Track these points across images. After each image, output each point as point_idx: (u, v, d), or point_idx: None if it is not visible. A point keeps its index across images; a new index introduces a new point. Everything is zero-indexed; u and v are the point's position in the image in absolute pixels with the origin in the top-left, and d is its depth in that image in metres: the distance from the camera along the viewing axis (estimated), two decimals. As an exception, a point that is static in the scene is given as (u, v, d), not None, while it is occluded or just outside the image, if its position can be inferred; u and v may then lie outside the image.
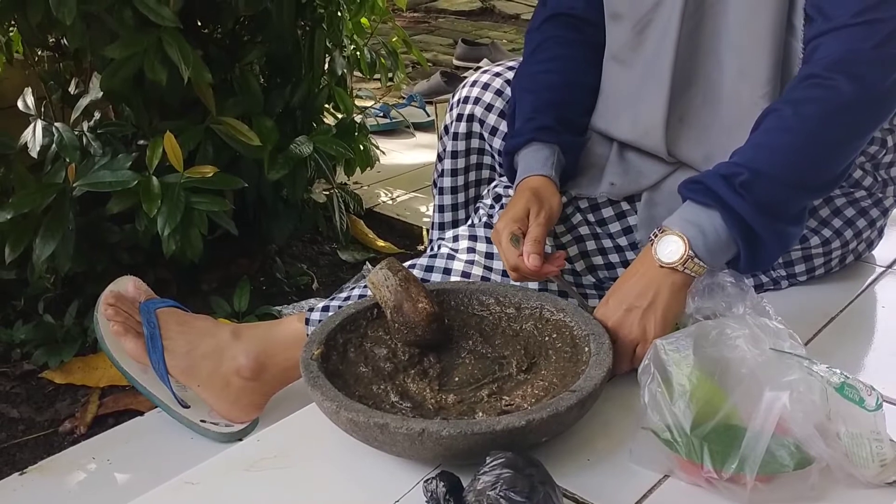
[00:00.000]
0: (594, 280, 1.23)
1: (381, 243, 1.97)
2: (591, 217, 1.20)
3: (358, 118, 1.91)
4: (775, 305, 0.97)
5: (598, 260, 1.21)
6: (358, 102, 2.38)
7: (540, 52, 1.25)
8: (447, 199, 1.41)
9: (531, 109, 1.19)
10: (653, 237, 0.99)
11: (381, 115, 2.67)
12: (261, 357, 1.21)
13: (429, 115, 2.72)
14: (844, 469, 0.83)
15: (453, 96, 1.39)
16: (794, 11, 1.05)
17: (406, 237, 2.04)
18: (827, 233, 1.21)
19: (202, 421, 1.23)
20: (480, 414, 0.91)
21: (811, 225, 1.21)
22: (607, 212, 1.20)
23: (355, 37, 1.99)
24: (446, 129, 1.38)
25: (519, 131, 1.19)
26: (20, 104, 1.58)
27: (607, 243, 1.21)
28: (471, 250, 1.19)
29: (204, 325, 1.24)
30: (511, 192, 1.20)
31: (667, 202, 1.16)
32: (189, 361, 1.20)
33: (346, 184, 2.10)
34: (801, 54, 1.06)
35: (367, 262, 1.86)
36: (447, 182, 1.40)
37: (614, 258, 1.21)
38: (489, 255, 1.19)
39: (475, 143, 1.36)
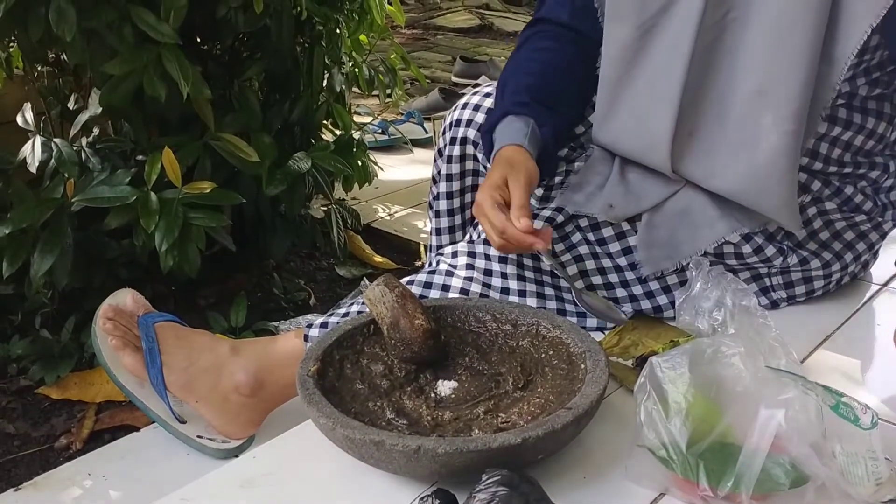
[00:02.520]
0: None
1: (378, 259, 1.97)
2: (590, 236, 1.20)
3: (356, 134, 1.91)
4: (772, 322, 0.97)
5: (598, 280, 1.21)
6: (356, 119, 2.39)
7: (524, 47, 1.27)
8: (444, 223, 1.41)
9: (509, 92, 1.20)
10: None
11: (380, 131, 2.68)
12: (260, 374, 1.21)
13: (427, 132, 2.74)
14: (840, 488, 0.83)
15: (446, 119, 1.39)
16: (836, 43, 1.04)
17: (404, 253, 2.05)
18: (827, 255, 1.22)
19: (199, 437, 1.23)
20: (476, 431, 0.91)
21: (812, 248, 1.21)
22: (607, 231, 1.20)
23: (354, 54, 2.00)
24: (440, 152, 1.37)
25: (495, 110, 1.20)
26: (19, 119, 1.59)
27: (606, 263, 1.21)
28: (469, 266, 1.19)
29: (202, 341, 1.24)
30: None
31: (667, 224, 1.16)
32: (187, 377, 1.20)
33: (344, 199, 2.10)
34: (837, 87, 1.06)
35: (365, 278, 1.86)
36: (443, 205, 1.39)
37: (613, 278, 1.21)
38: (488, 272, 1.19)
39: (469, 165, 1.36)
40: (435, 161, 1.40)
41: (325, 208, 1.93)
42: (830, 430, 0.83)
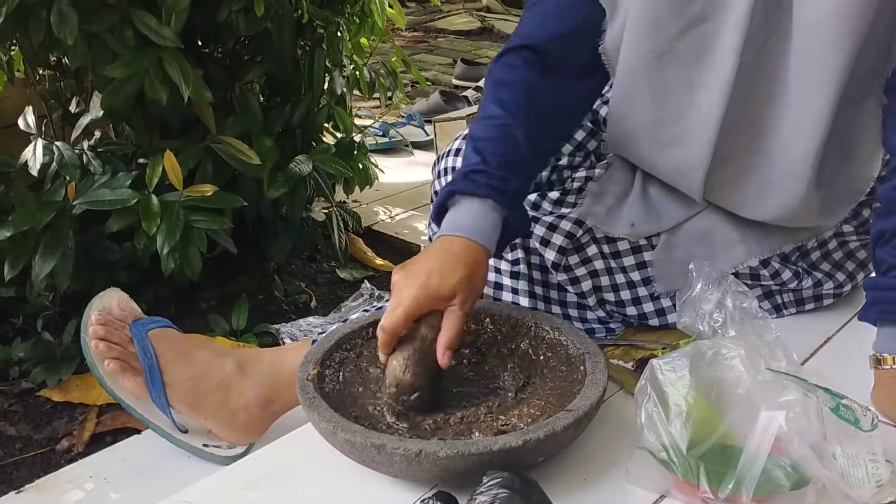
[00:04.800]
0: (603, 314, 1.21)
1: (379, 261, 1.98)
2: (606, 249, 1.18)
3: (357, 137, 1.92)
4: (773, 324, 0.97)
5: (610, 297, 1.19)
6: (357, 122, 2.39)
7: (503, 96, 1.08)
8: None
9: (498, 164, 1.02)
10: (885, 368, 1.01)
11: (381, 134, 2.68)
12: (269, 392, 1.19)
13: (427, 135, 2.74)
14: (840, 490, 0.83)
15: (438, 163, 1.28)
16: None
17: (404, 255, 2.05)
18: (841, 276, 1.22)
19: (204, 445, 1.22)
20: (477, 434, 0.91)
21: (825, 269, 1.21)
22: (623, 245, 1.18)
23: (355, 57, 2.01)
24: (437, 193, 1.29)
25: (478, 178, 1.01)
26: (21, 123, 1.59)
27: (620, 279, 1.19)
28: None
29: (205, 357, 1.20)
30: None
31: (684, 245, 1.15)
32: (194, 396, 1.17)
33: (345, 202, 2.10)
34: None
35: (366, 281, 1.86)
36: None
37: (625, 295, 1.19)
38: (498, 286, 1.18)
39: None
40: (432, 201, 1.33)
41: (326, 211, 1.94)
42: (831, 432, 0.83)
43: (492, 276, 1.17)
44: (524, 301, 1.18)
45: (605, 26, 1.09)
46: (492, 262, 1.17)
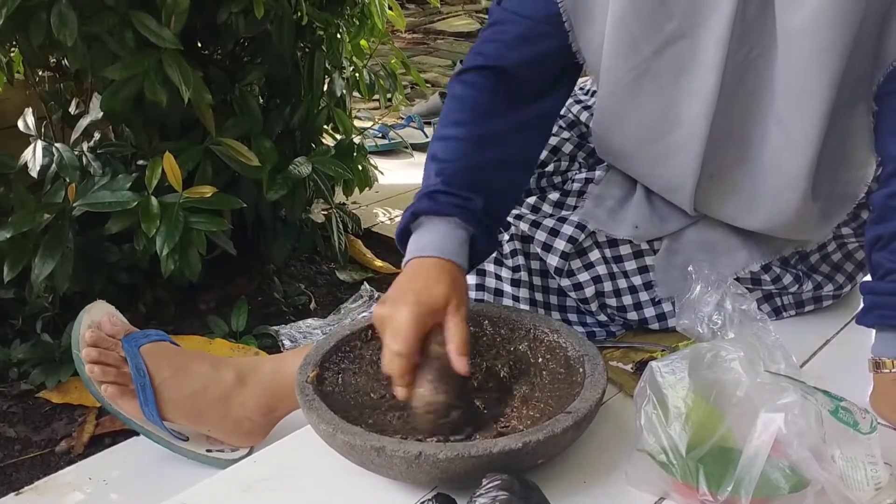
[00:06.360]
0: (604, 317, 1.21)
1: (379, 263, 1.98)
2: (608, 253, 1.18)
3: (357, 139, 1.92)
4: (772, 326, 0.97)
5: (612, 302, 1.19)
6: (357, 123, 2.39)
7: (462, 110, 1.08)
8: None
9: (460, 184, 1.01)
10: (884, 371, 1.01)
11: (380, 135, 2.68)
12: (271, 401, 1.17)
13: (427, 136, 2.74)
14: (840, 492, 0.83)
15: None
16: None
17: (403, 257, 2.04)
18: (840, 278, 1.23)
19: (208, 451, 1.21)
20: (476, 436, 0.91)
21: (825, 271, 1.22)
22: (625, 249, 1.18)
23: (354, 58, 2.01)
24: None
25: (440, 198, 1.00)
26: (20, 124, 1.59)
27: (622, 283, 1.19)
28: (479, 287, 1.17)
29: (203, 370, 1.18)
30: (523, 225, 1.17)
31: (686, 251, 1.15)
32: (195, 412, 1.17)
33: (344, 204, 2.10)
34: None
35: (365, 283, 1.86)
36: None
37: (627, 300, 1.19)
38: (498, 293, 1.18)
39: None
40: None
41: (326, 213, 1.94)
42: (830, 434, 0.83)
43: (492, 283, 1.17)
44: (524, 308, 1.18)
45: (577, 46, 1.08)
46: (492, 268, 1.17)
